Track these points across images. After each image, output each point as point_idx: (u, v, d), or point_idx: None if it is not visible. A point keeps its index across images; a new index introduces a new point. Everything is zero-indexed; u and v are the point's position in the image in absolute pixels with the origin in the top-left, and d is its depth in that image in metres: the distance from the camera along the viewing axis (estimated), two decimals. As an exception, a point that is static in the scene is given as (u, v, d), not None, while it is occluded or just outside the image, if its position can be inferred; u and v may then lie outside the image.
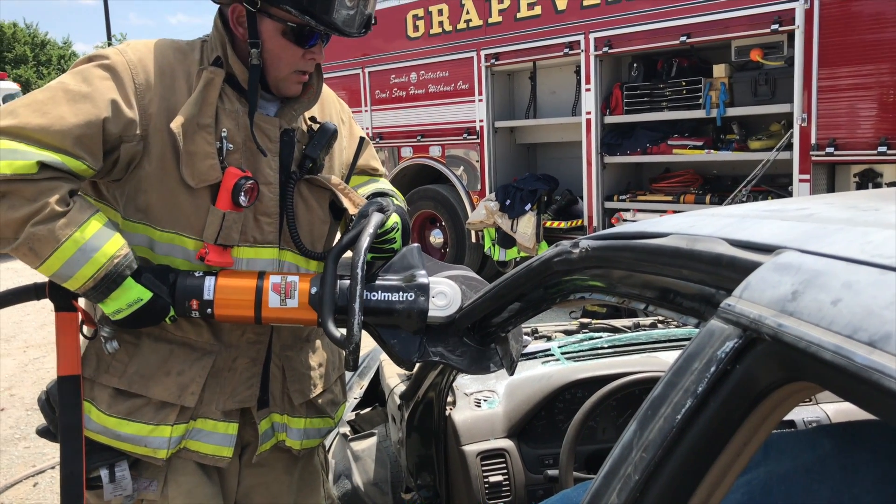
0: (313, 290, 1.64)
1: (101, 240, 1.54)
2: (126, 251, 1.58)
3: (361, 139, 1.98)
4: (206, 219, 1.65)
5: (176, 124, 1.58)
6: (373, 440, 2.60)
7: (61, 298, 1.66)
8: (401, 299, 1.63)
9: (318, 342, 1.95)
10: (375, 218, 1.69)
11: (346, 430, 2.72)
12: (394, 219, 1.80)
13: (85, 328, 1.74)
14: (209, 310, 1.63)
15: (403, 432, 2.21)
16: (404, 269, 1.70)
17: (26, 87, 28.36)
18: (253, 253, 1.73)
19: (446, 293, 1.64)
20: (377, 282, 1.66)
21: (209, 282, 1.63)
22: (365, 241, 1.61)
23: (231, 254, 1.69)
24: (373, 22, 1.69)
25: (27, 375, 6.08)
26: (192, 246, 1.68)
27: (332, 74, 8.99)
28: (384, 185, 2.04)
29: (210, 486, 1.79)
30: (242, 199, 1.63)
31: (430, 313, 1.63)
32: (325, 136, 1.78)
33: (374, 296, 1.63)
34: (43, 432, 1.81)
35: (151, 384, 1.69)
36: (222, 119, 1.65)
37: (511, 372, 1.71)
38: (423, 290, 1.64)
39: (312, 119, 1.83)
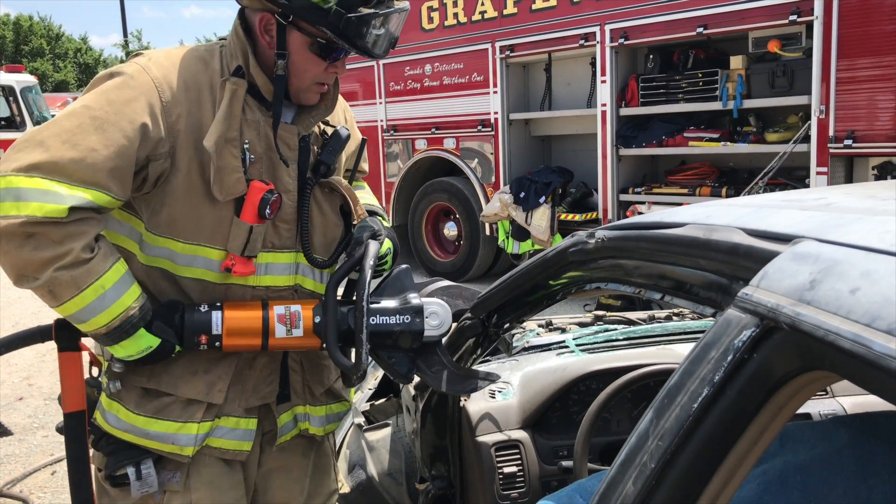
0: (317, 319, 1.70)
1: (119, 291, 1.56)
2: (142, 302, 1.60)
3: (363, 141, 2.02)
4: (229, 230, 1.66)
5: (209, 143, 1.58)
6: (387, 431, 2.61)
7: (67, 340, 1.71)
8: (398, 322, 1.73)
9: None
10: (373, 247, 1.73)
11: (361, 420, 2.73)
12: (387, 245, 1.86)
13: (93, 368, 1.79)
14: (217, 343, 1.67)
15: (418, 423, 2.22)
16: (398, 291, 1.79)
17: (43, 80, 28.58)
18: (271, 258, 1.75)
19: (438, 313, 1.75)
20: (373, 305, 1.73)
21: (216, 317, 1.66)
22: (368, 274, 1.67)
23: (253, 262, 1.71)
24: (397, 43, 1.71)
25: (45, 365, 6.15)
26: (217, 256, 1.69)
27: (346, 66, 8.99)
28: (369, 196, 2.08)
29: (231, 476, 1.82)
30: (268, 212, 1.65)
31: (426, 333, 1.74)
32: (339, 142, 1.80)
33: (374, 320, 1.72)
34: (62, 430, 1.84)
35: (180, 383, 1.71)
36: (245, 130, 1.66)
37: (510, 355, 1.78)
38: (418, 312, 1.74)
39: (325, 122, 1.85)
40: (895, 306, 0.65)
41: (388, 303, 1.76)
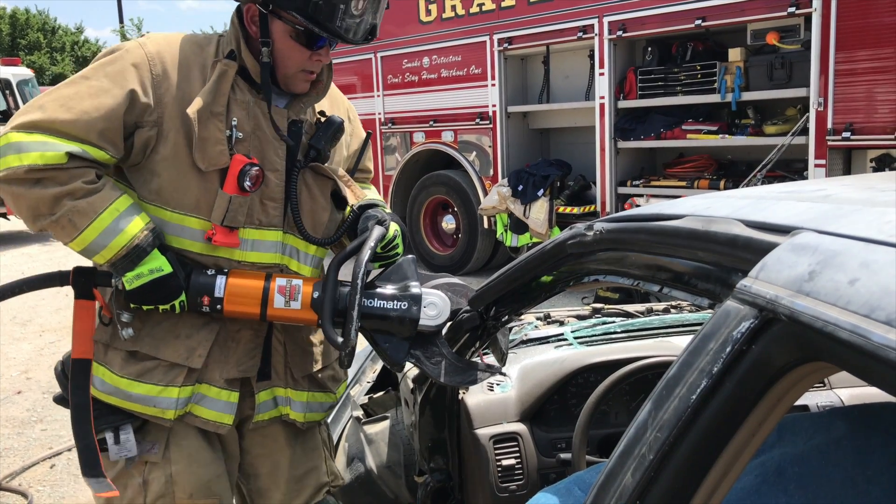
0: (315, 294, 1.77)
1: (133, 213, 1.68)
2: (153, 226, 1.71)
3: (366, 138, 2.08)
4: (214, 201, 1.75)
5: (192, 110, 1.68)
6: (386, 424, 2.61)
7: (83, 286, 1.77)
8: (395, 307, 1.77)
9: None
10: (376, 231, 1.81)
11: (360, 413, 2.73)
12: (394, 227, 1.90)
13: (103, 315, 1.83)
14: (219, 306, 1.75)
15: (416, 416, 2.22)
16: (400, 279, 1.83)
17: (40, 74, 28.48)
18: (258, 235, 1.82)
19: (437, 304, 1.78)
20: (376, 290, 1.79)
21: (220, 280, 1.75)
22: (366, 254, 1.73)
23: (238, 235, 1.78)
24: (377, 31, 1.76)
25: (43, 359, 6.15)
26: (200, 226, 1.77)
27: (343, 59, 8.98)
28: (375, 195, 2.12)
29: (211, 451, 1.89)
30: (247, 184, 1.73)
31: (421, 322, 1.77)
32: (330, 128, 1.87)
33: (371, 303, 1.76)
34: (59, 399, 1.90)
35: (162, 346, 1.79)
36: (233, 108, 1.75)
37: (503, 364, 1.84)
38: (416, 300, 1.77)
39: (321, 113, 1.92)
40: (894, 297, 0.65)
41: (388, 288, 1.80)
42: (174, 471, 1.83)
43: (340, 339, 1.68)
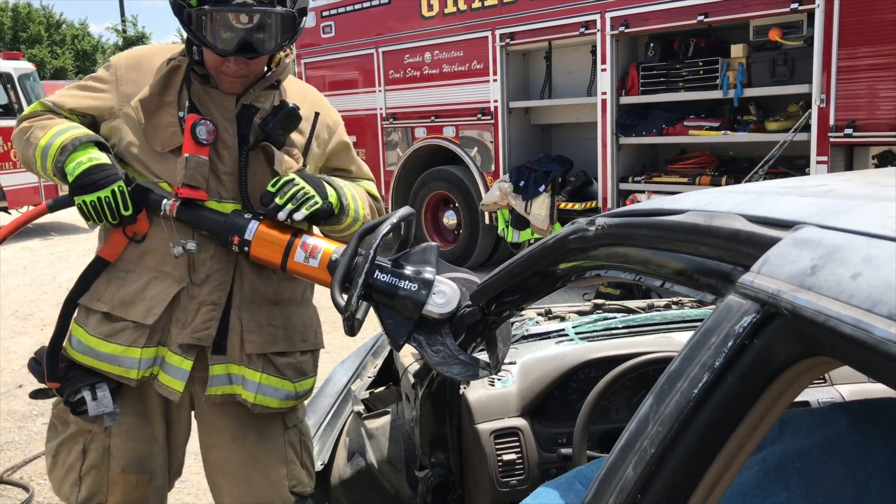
0: (334, 257, 1.88)
1: (77, 126, 1.98)
2: (95, 135, 1.97)
3: (346, 143, 2.22)
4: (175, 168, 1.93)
5: (135, 101, 1.94)
6: (387, 418, 2.62)
7: (135, 202, 1.93)
8: (404, 287, 1.79)
9: (289, 310, 2.11)
10: (401, 210, 1.88)
11: (360, 408, 2.73)
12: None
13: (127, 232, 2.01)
14: (246, 248, 1.91)
15: (417, 411, 2.22)
16: (419, 262, 1.86)
17: (41, 67, 28.44)
18: (220, 207, 1.97)
19: (446, 293, 1.79)
20: (391, 267, 1.83)
21: (253, 225, 1.91)
22: (384, 228, 1.80)
23: (204, 192, 1.93)
24: (263, 48, 1.84)
25: (45, 353, 6.15)
26: (169, 189, 1.95)
27: (345, 54, 8.97)
28: (367, 185, 2.25)
29: (149, 430, 2.07)
30: (203, 137, 1.88)
31: (426, 307, 1.78)
32: (278, 113, 1.97)
33: (383, 277, 1.80)
34: (36, 394, 2.06)
35: (130, 308, 1.96)
36: (183, 97, 1.94)
37: (496, 371, 1.81)
38: (427, 284, 1.80)
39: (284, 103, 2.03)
40: (896, 291, 0.65)
41: (405, 268, 1.84)
42: (112, 443, 2.02)
43: (343, 304, 1.72)
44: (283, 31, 1.84)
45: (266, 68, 2.01)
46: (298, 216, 1.89)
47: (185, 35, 1.94)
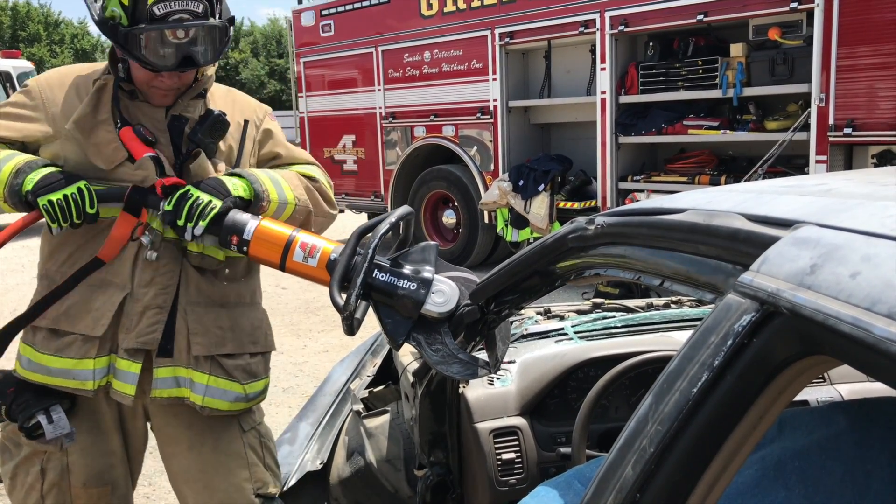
0: (333, 257, 1.87)
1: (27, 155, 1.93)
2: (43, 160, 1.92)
3: (268, 130, 2.20)
4: (141, 179, 1.93)
5: (70, 123, 1.93)
6: (386, 417, 2.62)
7: (133, 205, 1.94)
8: (403, 286, 1.79)
9: (236, 312, 2.10)
10: (400, 210, 1.88)
11: (360, 407, 2.74)
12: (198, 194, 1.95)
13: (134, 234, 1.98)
14: (245, 248, 1.90)
15: (416, 409, 2.22)
16: (418, 261, 1.85)
17: (40, 66, 28.42)
18: None
19: (445, 292, 1.79)
20: (390, 266, 1.82)
21: (252, 223, 1.90)
22: (383, 227, 1.80)
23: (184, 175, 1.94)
24: (199, 60, 1.85)
25: (44, 352, 6.15)
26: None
27: (344, 53, 8.97)
28: (306, 169, 2.21)
29: (105, 443, 2.07)
30: (146, 133, 1.90)
31: (425, 306, 1.77)
32: (206, 120, 1.98)
33: (382, 276, 1.79)
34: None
35: (76, 321, 1.96)
36: (116, 113, 1.93)
37: (495, 370, 1.82)
38: (426, 283, 1.79)
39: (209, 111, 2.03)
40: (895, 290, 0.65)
41: (403, 267, 1.83)
42: (70, 461, 2.02)
43: (342, 303, 1.72)
44: (218, 41, 1.87)
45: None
46: (198, 231, 1.87)
47: (107, 52, 1.97)
